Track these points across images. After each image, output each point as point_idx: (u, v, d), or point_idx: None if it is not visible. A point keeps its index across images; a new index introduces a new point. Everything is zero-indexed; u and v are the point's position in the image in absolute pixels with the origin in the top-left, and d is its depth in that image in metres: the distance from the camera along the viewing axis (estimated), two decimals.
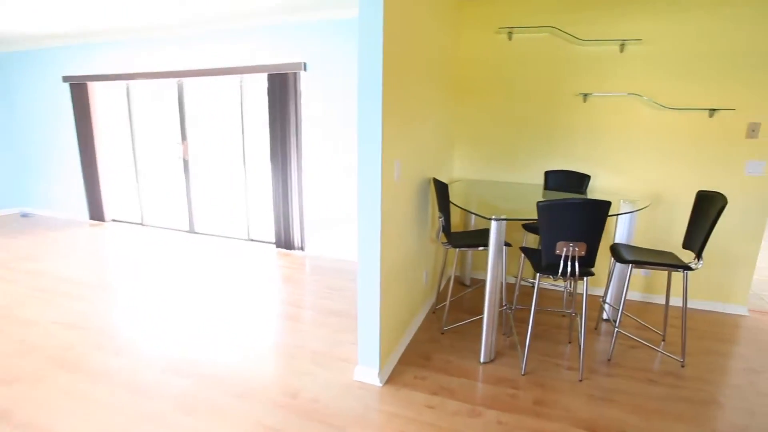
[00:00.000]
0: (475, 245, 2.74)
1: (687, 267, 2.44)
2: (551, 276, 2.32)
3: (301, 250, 4.59)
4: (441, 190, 2.71)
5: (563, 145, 3.50)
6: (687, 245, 2.59)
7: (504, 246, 2.44)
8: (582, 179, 3.31)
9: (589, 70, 3.31)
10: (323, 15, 3.94)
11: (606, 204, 2.13)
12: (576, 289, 3.14)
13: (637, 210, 2.69)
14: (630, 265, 2.52)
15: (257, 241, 4.94)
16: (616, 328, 2.63)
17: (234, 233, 5.12)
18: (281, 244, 4.61)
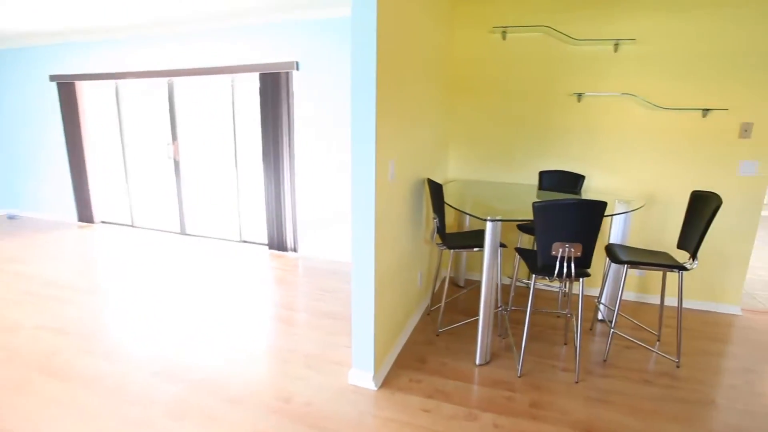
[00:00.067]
0: (471, 246, 2.72)
1: (682, 267, 2.43)
2: (547, 277, 2.30)
3: (294, 251, 4.54)
4: (435, 190, 2.68)
5: (558, 145, 3.49)
6: (681, 245, 2.59)
7: (499, 247, 2.42)
8: (576, 179, 3.30)
9: (584, 69, 3.30)
10: (316, 14, 3.90)
11: (602, 204, 2.11)
12: (571, 290, 3.13)
13: (632, 210, 2.69)
14: (625, 266, 2.51)
15: (249, 243, 4.88)
16: (611, 328, 2.62)
17: (226, 235, 5.06)
18: (274, 245, 4.56)
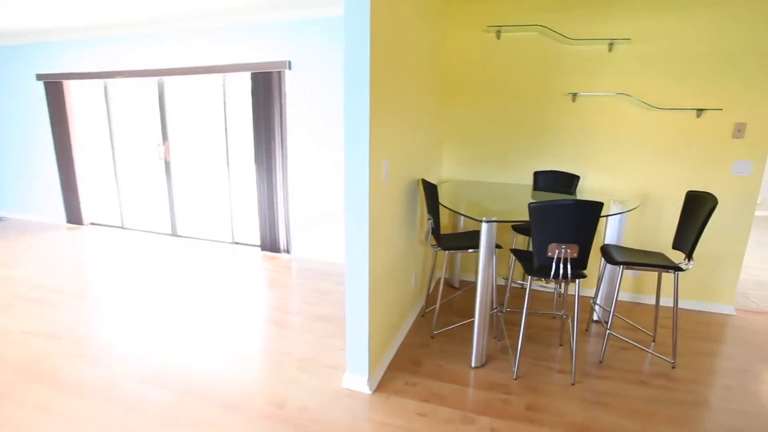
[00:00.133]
0: (466, 248, 2.69)
1: (678, 268, 2.43)
2: (543, 278, 2.28)
3: (287, 252, 4.49)
4: (430, 191, 2.65)
5: (552, 145, 3.47)
6: (677, 246, 2.58)
7: (495, 248, 2.40)
8: (571, 180, 3.29)
9: (578, 69, 3.29)
10: (308, 13, 3.86)
11: (598, 205, 2.10)
12: (566, 291, 3.12)
13: (628, 211, 2.68)
14: (621, 267, 2.50)
15: (242, 244, 4.82)
16: (607, 329, 2.61)
17: (218, 236, 4.99)
18: (266, 246, 4.51)
